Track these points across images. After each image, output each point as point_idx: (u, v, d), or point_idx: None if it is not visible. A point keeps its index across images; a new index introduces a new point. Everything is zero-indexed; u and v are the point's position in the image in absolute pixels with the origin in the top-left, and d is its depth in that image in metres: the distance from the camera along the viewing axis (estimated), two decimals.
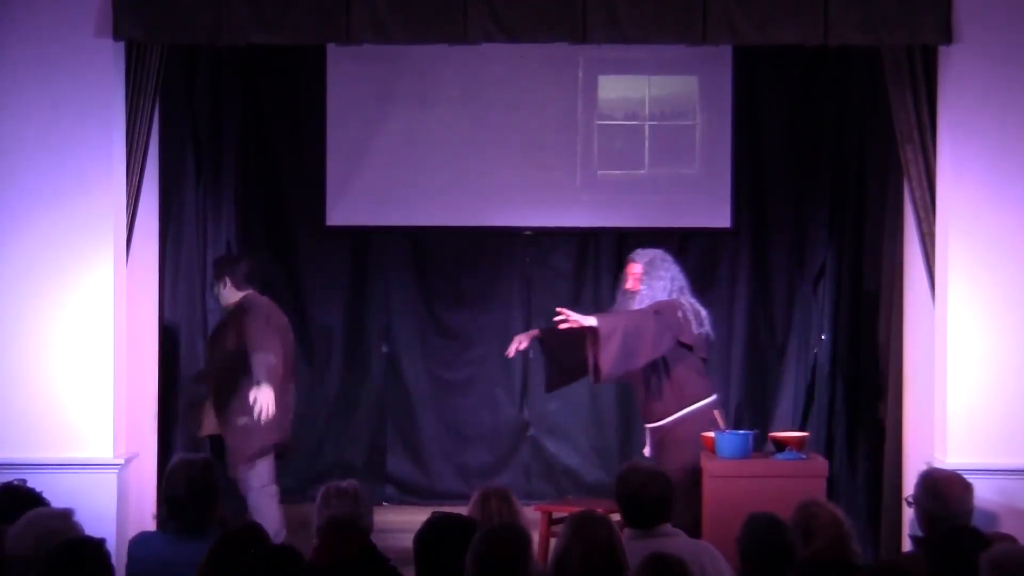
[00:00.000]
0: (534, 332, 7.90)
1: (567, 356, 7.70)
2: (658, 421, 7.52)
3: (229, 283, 7.62)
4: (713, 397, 7.58)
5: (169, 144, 7.83)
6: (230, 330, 7.54)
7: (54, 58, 6.80)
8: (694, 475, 7.17)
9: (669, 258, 7.69)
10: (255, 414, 7.22)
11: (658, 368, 7.48)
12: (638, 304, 7.47)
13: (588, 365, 7.33)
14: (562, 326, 7.32)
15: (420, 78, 9.23)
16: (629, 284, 7.55)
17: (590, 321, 7.25)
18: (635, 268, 7.57)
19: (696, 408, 7.49)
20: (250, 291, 7.69)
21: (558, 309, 7.33)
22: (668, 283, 7.55)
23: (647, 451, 7.66)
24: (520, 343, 7.70)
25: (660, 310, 7.39)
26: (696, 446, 7.30)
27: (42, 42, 6.80)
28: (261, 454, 7.47)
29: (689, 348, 7.48)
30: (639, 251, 7.71)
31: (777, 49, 8.48)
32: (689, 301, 7.55)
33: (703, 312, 7.58)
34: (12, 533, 4.61)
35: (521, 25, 6.78)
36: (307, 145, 9.37)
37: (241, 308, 7.55)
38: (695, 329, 7.49)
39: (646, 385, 7.52)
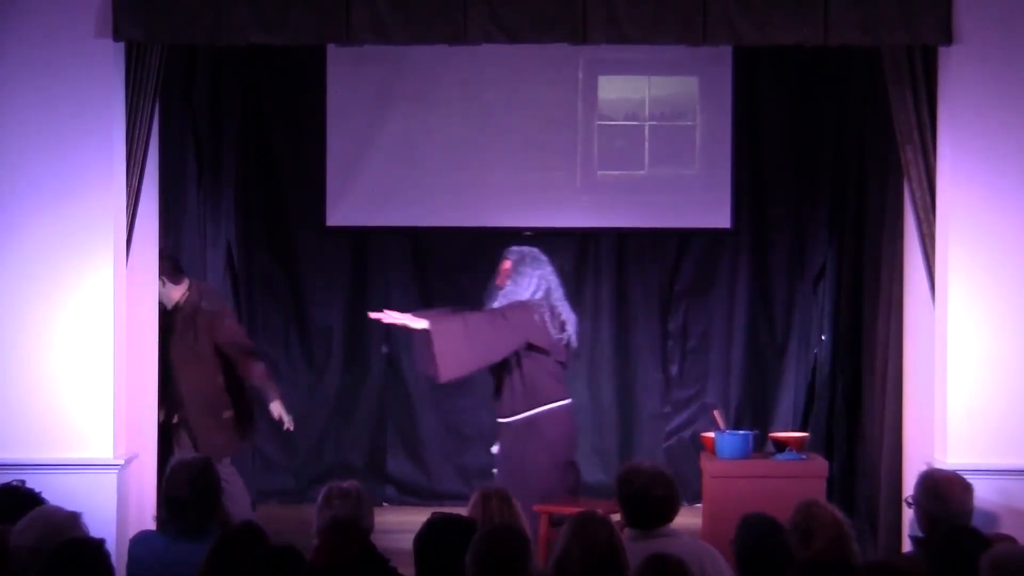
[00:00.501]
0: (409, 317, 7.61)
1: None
2: (507, 418, 7.56)
3: (166, 281, 7.60)
4: (567, 401, 7.60)
5: (169, 144, 7.83)
6: (189, 332, 7.55)
7: (54, 58, 6.79)
8: (554, 475, 7.31)
9: (543, 258, 7.71)
10: (285, 427, 7.58)
11: (509, 366, 7.52)
12: (499, 301, 7.53)
13: (428, 366, 7.39)
14: (386, 320, 7.35)
15: (420, 78, 9.23)
16: (498, 280, 7.61)
17: (420, 324, 7.28)
18: (505, 264, 7.63)
19: (548, 409, 7.51)
20: (187, 280, 7.70)
21: (371, 314, 7.34)
22: (534, 282, 7.59)
23: (495, 448, 7.68)
24: (390, 316, 7.49)
25: (508, 312, 7.45)
26: (557, 448, 7.35)
27: (42, 42, 6.79)
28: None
29: (544, 352, 7.50)
30: (513, 248, 7.76)
31: (777, 49, 8.47)
32: (552, 305, 7.56)
33: (569, 318, 7.62)
34: (18, 527, 4.61)
35: (521, 25, 6.77)
36: (307, 145, 9.38)
37: (193, 304, 7.56)
38: (553, 334, 7.53)
39: (498, 381, 7.61)
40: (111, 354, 6.81)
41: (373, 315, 7.44)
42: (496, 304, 7.58)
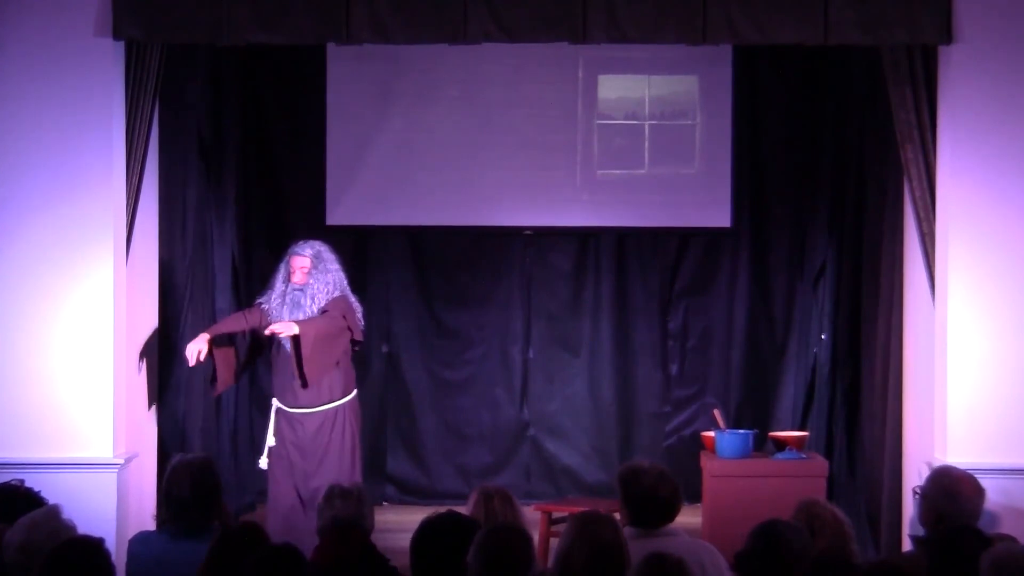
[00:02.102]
0: (207, 336, 7.56)
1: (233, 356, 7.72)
2: (324, 406, 7.56)
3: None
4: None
5: (169, 144, 7.83)
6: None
7: (54, 58, 6.79)
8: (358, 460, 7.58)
9: (332, 252, 7.68)
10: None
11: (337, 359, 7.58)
12: (310, 298, 7.49)
13: (293, 370, 7.43)
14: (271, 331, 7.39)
15: (420, 78, 9.23)
16: (297, 278, 7.53)
17: (293, 330, 7.31)
18: (303, 262, 7.55)
19: (354, 396, 7.66)
20: None
21: (270, 330, 7.39)
22: (336, 276, 7.60)
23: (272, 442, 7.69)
24: (200, 353, 7.47)
25: (346, 312, 7.53)
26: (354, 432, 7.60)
27: (42, 42, 6.80)
28: None
29: (359, 344, 7.72)
30: (302, 244, 7.68)
31: (777, 49, 8.48)
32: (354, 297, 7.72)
33: (359, 307, 7.75)
34: (8, 540, 4.61)
35: (521, 25, 6.78)
36: (307, 145, 9.38)
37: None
38: (361, 325, 7.72)
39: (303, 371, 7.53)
40: (111, 354, 6.81)
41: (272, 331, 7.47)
42: (314, 302, 7.50)
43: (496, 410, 9.53)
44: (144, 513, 7.16)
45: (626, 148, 9.34)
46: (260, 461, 7.67)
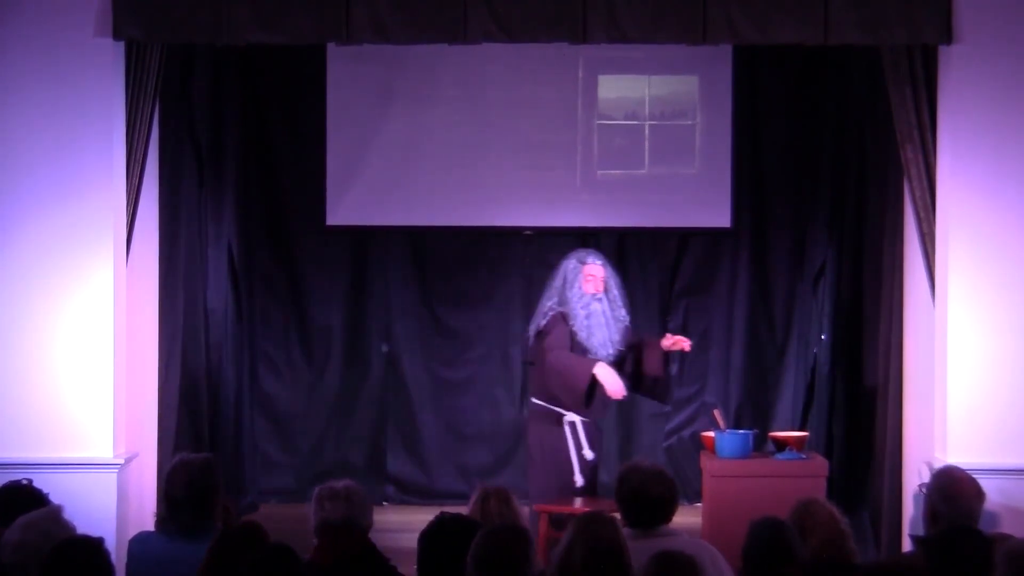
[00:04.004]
0: None
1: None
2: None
3: None
4: None
5: (169, 144, 7.83)
6: None
7: (54, 58, 6.79)
8: None
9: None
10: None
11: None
12: (607, 309, 7.50)
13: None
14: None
15: (420, 78, 9.23)
16: (594, 287, 7.51)
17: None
18: (602, 271, 7.57)
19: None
20: None
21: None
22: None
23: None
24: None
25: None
26: None
27: (42, 42, 6.80)
28: None
29: None
30: (597, 253, 7.77)
31: (777, 49, 8.48)
32: None
33: None
34: (6, 539, 4.61)
35: (521, 25, 6.78)
36: (307, 145, 9.38)
37: None
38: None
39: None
40: (111, 353, 6.82)
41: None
42: (613, 310, 7.51)
43: (496, 410, 9.53)
44: (144, 513, 7.16)
45: (626, 148, 9.34)
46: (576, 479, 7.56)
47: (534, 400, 7.62)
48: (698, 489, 8.01)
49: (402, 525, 7.33)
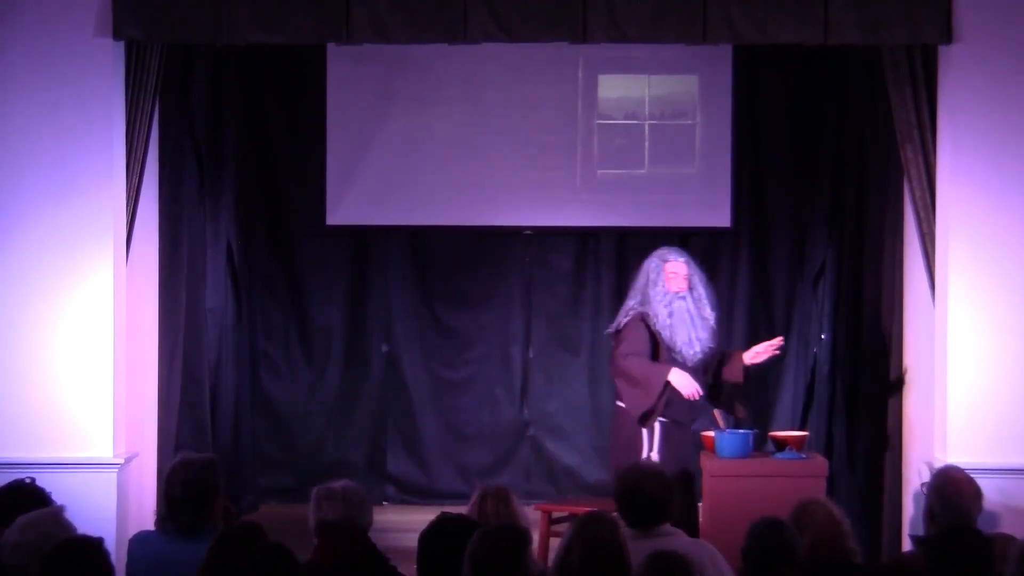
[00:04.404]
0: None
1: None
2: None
3: None
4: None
5: (169, 144, 7.82)
6: None
7: (54, 58, 6.79)
8: None
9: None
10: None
11: None
12: (693, 306, 7.40)
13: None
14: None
15: (420, 78, 9.23)
16: (675, 285, 7.38)
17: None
18: (685, 268, 7.44)
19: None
20: None
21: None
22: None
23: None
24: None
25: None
26: None
27: (42, 42, 6.80)
28: None
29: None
30: (679, 249, 7.67)
31: (777, 49, 8.47)
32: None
33: None
34: (6, 539, 4.61)
35: (521, 25, 6.78)
36: (307, 145, 9.38)
37: None
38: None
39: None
40: (111, 353, 6.82)
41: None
42: (698, 308, 7.41)
43: (496, 410, 9.53)
44: (144, 513, 7.16)
45: (626, 148, 9.34)
46: None
47: (617, 403, 7.58)
48: (698, 489, 8.00)
49: (402, 525, 7.33)
